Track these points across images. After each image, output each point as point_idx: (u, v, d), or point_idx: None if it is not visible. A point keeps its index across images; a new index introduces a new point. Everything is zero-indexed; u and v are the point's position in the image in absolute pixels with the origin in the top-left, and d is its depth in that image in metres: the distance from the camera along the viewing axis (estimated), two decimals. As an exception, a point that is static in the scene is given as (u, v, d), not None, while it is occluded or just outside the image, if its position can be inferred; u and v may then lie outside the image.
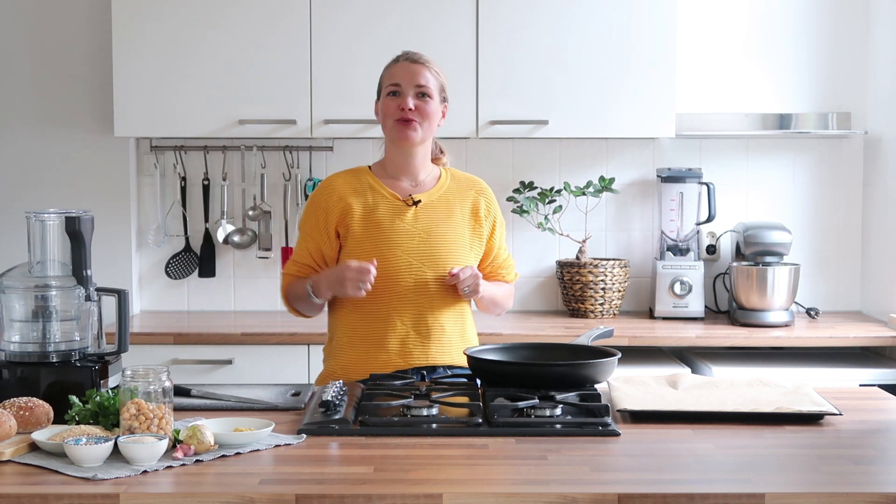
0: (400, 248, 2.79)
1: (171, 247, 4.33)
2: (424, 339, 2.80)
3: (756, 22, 4.31)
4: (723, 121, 4.24)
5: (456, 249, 2.83)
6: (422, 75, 2.81)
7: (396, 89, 2.81)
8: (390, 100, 2.82)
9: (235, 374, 3.74)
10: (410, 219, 2.83)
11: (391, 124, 2.83)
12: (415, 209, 2.84)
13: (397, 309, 2.79)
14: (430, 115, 2.82)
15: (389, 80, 2.83)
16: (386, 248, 2.80)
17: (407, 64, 2.83)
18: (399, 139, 2.83)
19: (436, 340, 2.81)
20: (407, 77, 2.81)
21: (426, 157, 2.90)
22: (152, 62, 3.96)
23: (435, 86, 2.83)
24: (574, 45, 3.97)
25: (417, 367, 2.78)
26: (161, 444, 2.01)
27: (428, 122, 2.82)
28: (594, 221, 4.31)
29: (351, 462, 2.06)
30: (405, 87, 2.81)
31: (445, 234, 2.84)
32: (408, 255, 2.79)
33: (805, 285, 4.27)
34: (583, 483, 1.92)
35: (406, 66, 2.83)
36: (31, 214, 2.41)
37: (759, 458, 2.10)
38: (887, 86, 4.11)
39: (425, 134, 2.84)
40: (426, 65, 2.84)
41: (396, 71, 2.84)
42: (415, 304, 2.80)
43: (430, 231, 2.83)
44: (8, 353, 2.38)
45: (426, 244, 2.82)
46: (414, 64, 2.83)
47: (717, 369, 3.72)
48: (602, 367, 2.49)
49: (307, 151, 4.29)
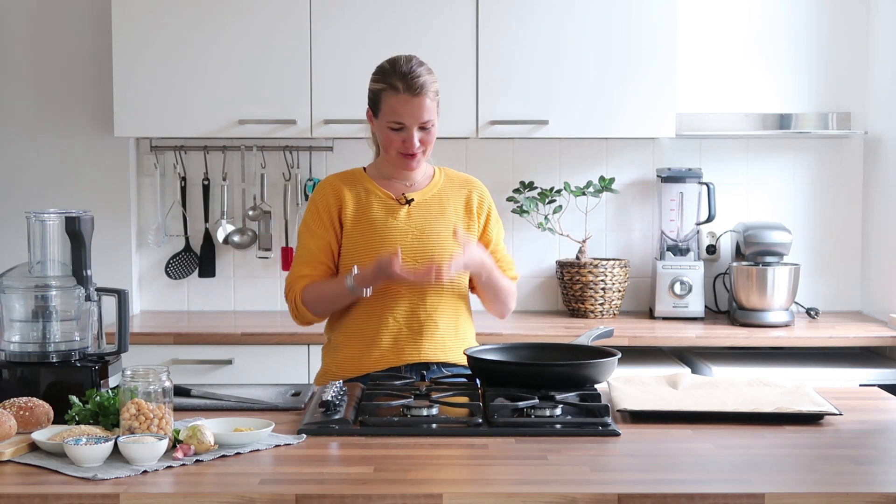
0: (393, 246, 2.79)
1: (171, 247, 4.33)
2: (417, 335, 2.80)
3: (756, 22, 4.31)
4: (723, 121, 4.24)
5: (449, 247, 2.82)
6: (425, 110, 2.73)
7: (400, 126, 2.76)
8: (394, 134, 2.77)
9: (235, 374, 3.74)
10: (403, 217, 2.83)
11: (395, 154, 2.80)
12: (408, 207, 2.84)
13: (390, 306, 2.80)
14: (432, 142, 2.81)
15: (392, 117, 2.74)
16: (379, 245, 2.80)
17: (408, 98, 2.72)
18: (404, 169, 2.84)
19: (428, 337, 2.80)
20: (410, 115, 2.73)
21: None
22: (152, 62, 3.96)
23: (434, 107, 2.77)
24: (574, 45, 3.97)
25: (410, 363, 2.78)
26: (161, 444, 2.01)
27: (431, 146, 2.82)
28: (594, 221, 4.31)
29: (351, 462, 2.06)
30: (409, 125, 2.75)
31: (439, 231, 2.84)
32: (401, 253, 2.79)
33: (805, 285, 4.27)
34: (583, 483, 1.92)
35: (408, 101, 2.72)
36: (31, 214, 2.41)
37: (759, 458, 2.10)
38: (887, 86, 4.11)
39: (426, 157, 2.85)
40: (426, 94, 2.73)
41: (399, 107, 2.73)
42: (407, 301, 2.80)
43: (423, 229, 2.83)
44: (8, 353, 2.38)
45: (419, 242, 2.81)
46: (416, 98, 2.72)
47: (717, 369, 3.72)
48: (602, 367, 2.49)
49: (307, 151, 4.29)
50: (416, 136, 2.76)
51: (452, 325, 2.85)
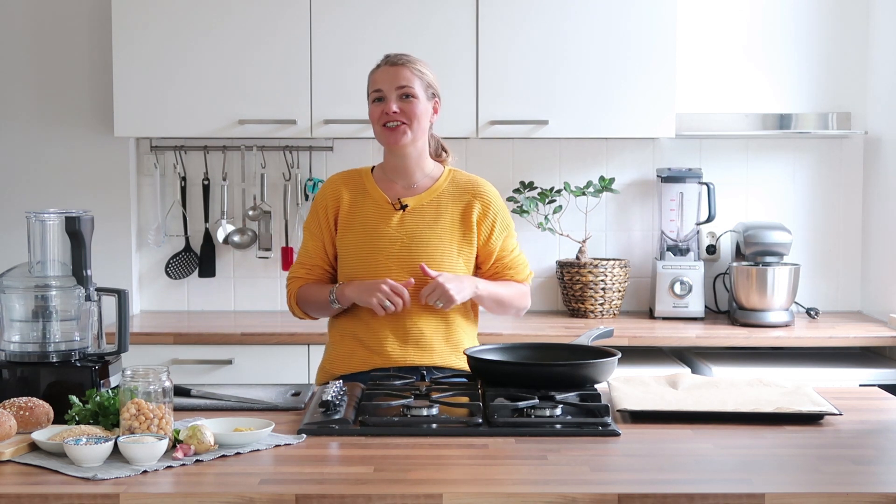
0: (381, 252, 2.80)
1: (171, 247, 4.33)
2: (402, 341, 2.80)
3: (756, 22, 4.31)
4: (723, 121, 4.24)
5: (439, 255, 2.81)
6: (402, 76, 2.79)
7: (380, 95, 2.81)
8: (375, 106, 2.82)
9: (235, 374, 3.74)
10: (395, 223, 2.83)
11: (379, 130, 2.82)
12: (401, 213, 2.84)
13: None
14: (417, 115, 2.79)
15: (373, 87, 2.83)
16: (367, 251, 2.81)
17: (387, 68, 2.82)
18: (387, 144, 2.83)
19: (413, 343, 2.80)
20: (387, 81, 2.79)
21: (421, 158, 2.88)
22: (152, 62, 3.97)
23: (419, 84, 2.80)
24: (574, 45, 3.97)
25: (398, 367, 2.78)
26: (161, 444, 2.01)
27: (416, 122, 2.80)
28: (594, 221, 4.31)
29: (351, 462, 2.06)
30: (387, 92, 2.79)
31: (430, 239, 2.82)
32: (388, 260, 2.79)
33: (805, 285, 4.27)
34: (583, 483, 1.92)
35: (386, 71, 2.81)
36: (31, 214, 2.41)
37: (759, 458, 2.10)
38: (887, 86, 4.11)
39: (415, 135, 2.82)
40: (407, 65, 2.81)
41: (378, 76, 2.82)
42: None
43: (413, 236, 2.82)
44: (8, 353, 2.38)
45: (408, 249, 2.81)
46: (394, 67, 2.80)
47: (717, 369, 3.72)
48: (602, 367, 2.49)
49: (307, 151, 4.29)
50: (395, 104, 2.78)
51: (442, 332, 2.83)
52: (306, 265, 2.90)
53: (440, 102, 2.88)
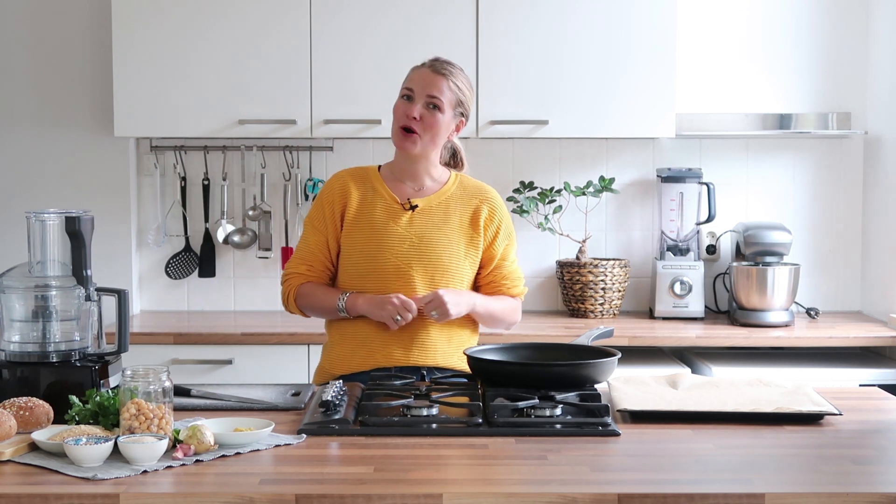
0: (389, 251, 2.79)
1: (171, 247, 4.33)
2: (407, 342, 2.80)
3: (756, 22, 4.31)
4: (723, 121, 4.24)
5: (447, 257, 2.81)
6: (436, 86, 2.78)
7: (409, 94, 2.80)
8: (402, 102, 2.82)
9: (235, 374, 3.74)
10: (405, 223, 2.82)
11: (396, 128, 2.82)
12: (410, 213, 2.83)
13: None
14: (435, 128, 2.79)
15: (407, 83, 2.82)
16: (375, 249, 2.80)
17: (426, 71, 2.81)
18: (398, 145, 2.84)
19: (419, 344, 2.80)
20: (421, 84, 2.79)
21: (430, 166, 2.87)
22: (152, 62, 3.96)
23: (449, 99, 2.79)
24: (574, 45, 3.97)
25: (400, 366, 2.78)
26: (161, 444, 2.01)
27: (431, 134, 2.79)
28: (594, 221, 4.31)
29: (351, 462, 2.06)
30: (417, 94, 2.79)
31: (438, 240, 2.82)
32: (396, 259, 2.79)
33: (805, 285, 4.27)
34: (583, 483, 1.92)
35: (425, 74, 2.81)
36: (31, 214, 2.41)
37: (759, 458, 2.10)
38: (887, 86, 4.11)
39: (425, 148, 2.81)
40: (447, 76, 2.80)
41: (416, 75, 2.82)
42: None
43: (422, 236, 2.81)
44: (8, 353, 2.38)
45: (416, 249, 2.80)
46: (434, 73, 2.80)
47: (717, 369, 3.72)
48: (602, 367, 2.50)
49: (307, 151, 4.29)
50: (419, 109, 2.77)
51: (445, 333, 2.83)
52: (307, 261, 2.88)
53: (466, 122, 2.88)
